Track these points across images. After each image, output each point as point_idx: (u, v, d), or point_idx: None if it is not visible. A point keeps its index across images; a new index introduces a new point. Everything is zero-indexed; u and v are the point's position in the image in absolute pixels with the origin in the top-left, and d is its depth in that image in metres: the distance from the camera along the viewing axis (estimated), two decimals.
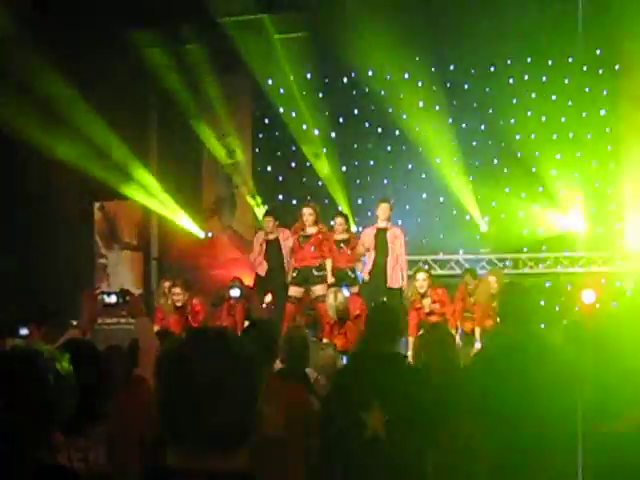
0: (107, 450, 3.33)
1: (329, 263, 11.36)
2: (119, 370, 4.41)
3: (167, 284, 11.92)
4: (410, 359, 5.80)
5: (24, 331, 6.71)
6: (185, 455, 1.75)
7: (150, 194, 15.32)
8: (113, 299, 4.55)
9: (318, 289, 11.29)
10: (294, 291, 11.45)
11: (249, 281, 12.20)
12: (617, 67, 13.99)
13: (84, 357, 3.37)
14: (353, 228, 12.82)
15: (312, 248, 11.43)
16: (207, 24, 13.75)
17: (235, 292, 9.51)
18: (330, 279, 11.27)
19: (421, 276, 11.04)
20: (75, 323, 4.54)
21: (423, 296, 10.92)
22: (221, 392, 1.74)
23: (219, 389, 1.74)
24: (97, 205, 15.64)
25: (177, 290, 11.45)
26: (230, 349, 1.80)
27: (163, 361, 1.82)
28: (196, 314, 11.36)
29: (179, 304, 11.41)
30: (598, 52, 13.86)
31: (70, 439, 3.03)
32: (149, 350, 4.01)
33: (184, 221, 15.23)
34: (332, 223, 12.06)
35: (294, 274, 11.58)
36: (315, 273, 11.38)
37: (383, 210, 11.65)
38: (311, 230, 11.49)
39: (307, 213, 11.53)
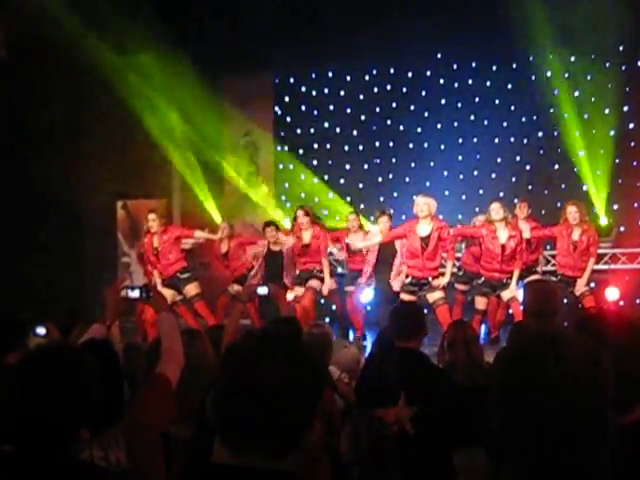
0: (127, 449, 3.33)
1: (325, 264, 11.37)
2: (138, 368, 4.41)
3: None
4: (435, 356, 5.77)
5: (42, 330, 6.68)
6: (235, 453, 1.75)
7: (173, 191, 15.43)
8: (136, 293, 4.56)
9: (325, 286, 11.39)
10: (299, 291, 11.42)
11: None
12: None
13: (102, 357, 3.37)
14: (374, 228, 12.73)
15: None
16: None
17: (263, 290, 9.41)
18: (327, 279, 11.34)
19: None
20: (100, 319, 4.54)
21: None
22: (283, 397, 1.74)
23: (282, 394, 1.74)
24: (120, 204, 15.70)
25: (152, 216, 11.28)
26: (300, 355, 1.80)
27: (230, 358, 1.82)
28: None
29: (153, 230, 11.24)
30: (621, 48, 13.77)
31: (91, 438, 3.04)
32: (172, 347, 4.00)
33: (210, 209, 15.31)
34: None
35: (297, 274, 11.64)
36: (317, 274, 11.42)
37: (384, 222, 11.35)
38: (306, 236, 11.40)
39: (301, 215, 11.41)
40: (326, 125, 15.35)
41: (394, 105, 15.09)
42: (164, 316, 4.16)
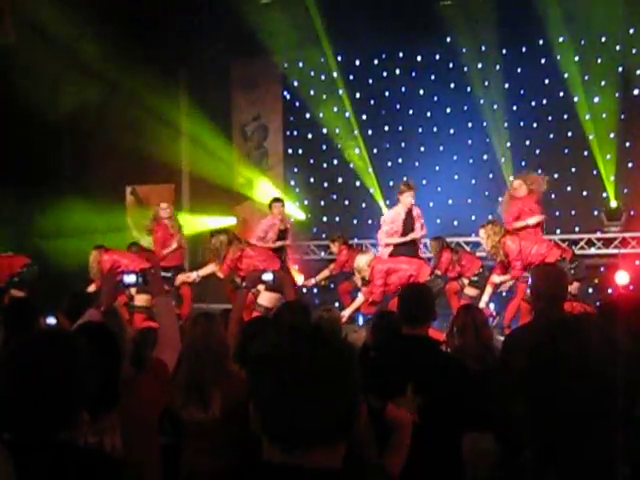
0: (122, 434, 3.31)
1: None
2: (136, 353, 4.39)
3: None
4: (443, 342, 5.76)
5: (52, 320, 6.66)
6: (283, 451, 1.74)
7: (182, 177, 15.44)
8: (132, 279, 4.57)
9: None
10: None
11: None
12: None
13: (97, 340, 3.35)
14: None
15: None
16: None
17: (268, 277, 9.31)
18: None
19: None
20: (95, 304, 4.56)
21: None
22: (320, 389, 1.73)
23: (320, 386, 1.73)
24: (129, 189, 15.70)
25: (164, 205, 11.64)
26: (331, 346, 1.78)
27: (261, 358, 1.80)
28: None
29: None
30: (631, 31, 13.68)
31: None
32: (169, 331, 3.98)
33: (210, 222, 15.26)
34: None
35: None
36: None
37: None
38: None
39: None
40: (335, 109, 15.31)
41: (403, 89, 15.05)
42: (160, 300, 4.13)
